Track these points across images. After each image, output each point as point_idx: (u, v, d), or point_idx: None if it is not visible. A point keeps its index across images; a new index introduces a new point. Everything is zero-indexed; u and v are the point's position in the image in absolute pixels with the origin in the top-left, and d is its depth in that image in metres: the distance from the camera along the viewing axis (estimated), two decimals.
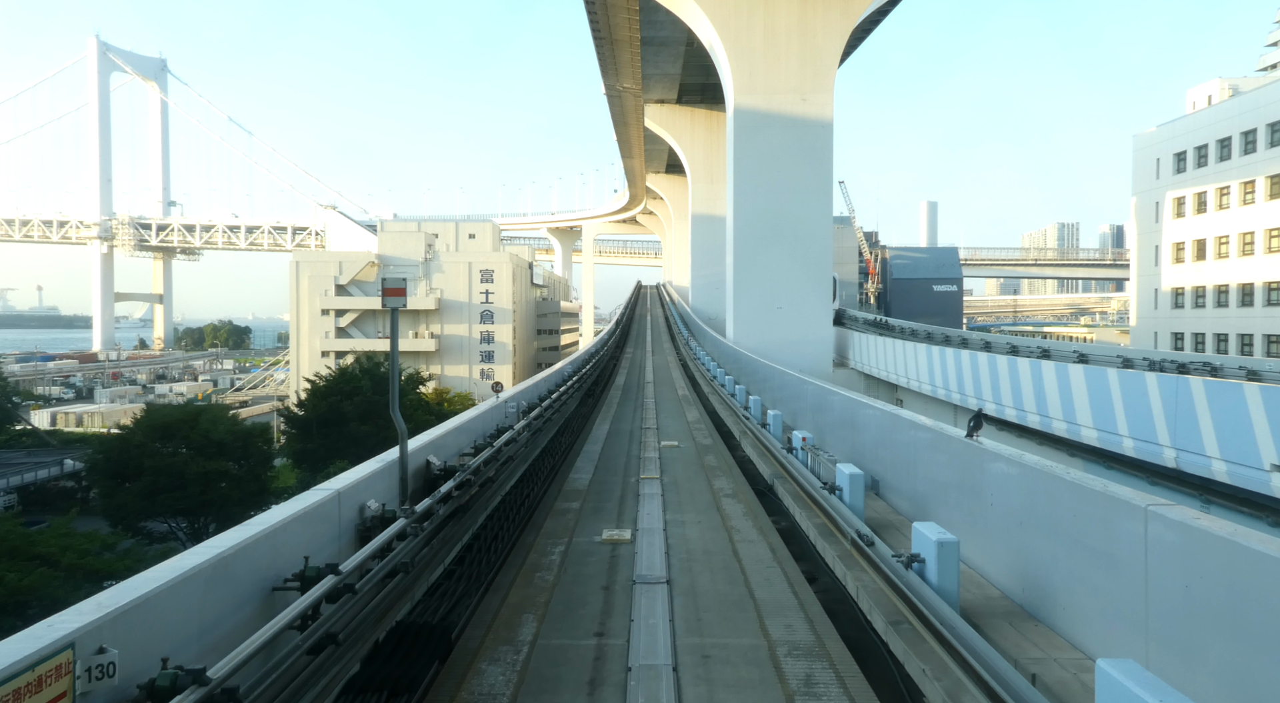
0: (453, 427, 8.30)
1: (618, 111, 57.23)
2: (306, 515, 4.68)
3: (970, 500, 7.44)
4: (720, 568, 7.61)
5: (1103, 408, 16.45)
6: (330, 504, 5.02)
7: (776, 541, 8.68)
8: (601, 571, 7.47)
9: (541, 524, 9.18)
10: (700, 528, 9.14)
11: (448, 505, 6.89)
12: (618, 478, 12.09)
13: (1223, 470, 13.08)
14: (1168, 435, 14.53)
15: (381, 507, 5.64)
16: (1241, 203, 50.26)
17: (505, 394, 11.13)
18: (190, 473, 35.77)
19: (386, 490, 6.12)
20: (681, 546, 8.38)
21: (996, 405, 21.12)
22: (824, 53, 31.85)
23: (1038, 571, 5.96)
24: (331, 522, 5.04)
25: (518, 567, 7.54)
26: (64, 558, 28.00)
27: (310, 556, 4.56)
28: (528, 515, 9.20)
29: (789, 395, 16.41)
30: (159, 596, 3.19)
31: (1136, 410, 15.35)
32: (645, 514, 9.60)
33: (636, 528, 8.99)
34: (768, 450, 12.58)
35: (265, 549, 4.13)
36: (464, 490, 7.37)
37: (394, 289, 6.29)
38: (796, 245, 31.39)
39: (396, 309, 6.37)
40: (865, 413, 11.06)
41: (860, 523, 7.34)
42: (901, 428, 9.44)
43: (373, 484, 5.77)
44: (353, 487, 5.38)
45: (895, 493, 9.50)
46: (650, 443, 15.33)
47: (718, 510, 10.10)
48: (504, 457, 9.16)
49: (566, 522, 9.35)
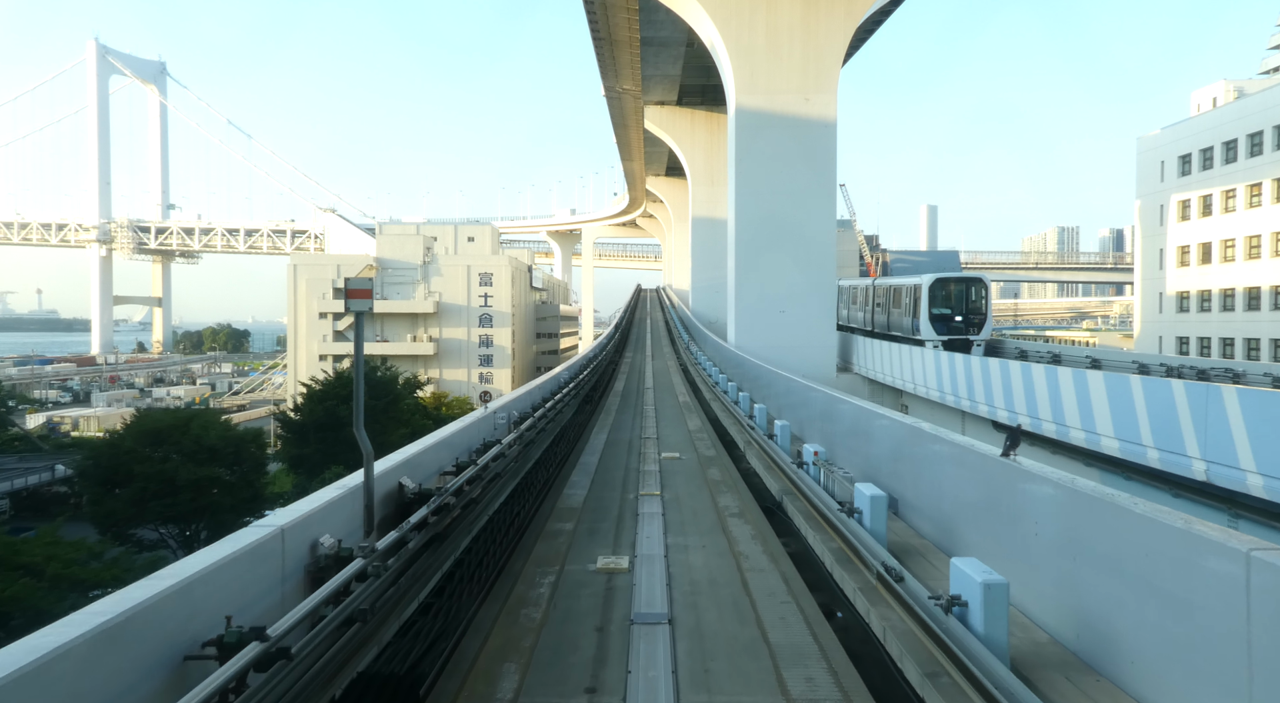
0: (431, 443, 7.50)
1: (617, 113, 56.59)
2: (239, 560, 3.89)
3: (1005, 526, 6.67)
4: (728, 603, 6.81)
5: (1125, 417, 15.68)
6: (272, 544, 4.24)
7: (789, 568, 7.88)
8: (596, 606, 6.68)
9: (531, 549, 8.39)
10: (705, 554, 8.34)
11: (423, 533, 6.11)
12: (615, 494, 11.30)
13: (1259, 485, 12.32)
14: (1197, 447, 13.78)
15: (338, 543, 4.84)
16: (1248, 206, 49.66)
17: (495, 404, 10.33)
18: (181, 479, 35.00)
19: (347, 521, 5.33)
20: (684, 575, 7.58)
21: (1009, 413, 20.33)
22: (827, 52, 31.16)
23: (1096, 613, 5.19)
24: (273, 564, 4.26)
25: (502, 600, 6.76)
26: (49, 568, 27.25)
27: (243, 609, 3.78)
28: (516, 539, 8.43)
29: (794, 403, 15.64)
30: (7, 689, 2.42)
31: (1163, 420, 14.58)
32: (645, 537, 8.81)
33: (635, 554, 8.20)
34: (775, 464, 11.81)
35: (178, 608, 3.35)
36: (442, 516, 6.59)
37: (358, 290, 5.48)
38: (799, 247, 30.68)
39: (362, 314, 5.57)
40: (879, 424, 10.29)
41: (885, 554, 6.56)
42: (922, 441, 8.65)
43: (329, 515, 4.98)
44: (302, 521, 4.59)
45: (917, 513, 8.72)
46: (650, 454, 14.56)
47: (723, 532, 9.31)
48: (491, 473, 8.37)
49: (558, 546, 8.56)
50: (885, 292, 36.17)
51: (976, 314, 31.03)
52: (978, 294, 31.31)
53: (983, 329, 30.87)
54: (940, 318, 30.95)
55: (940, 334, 30.47)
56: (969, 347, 29.91)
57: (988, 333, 31.14)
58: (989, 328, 31.23)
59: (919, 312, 31.21)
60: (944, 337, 30.34)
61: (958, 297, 31.22)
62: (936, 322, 30.90)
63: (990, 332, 31.52)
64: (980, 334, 30.75)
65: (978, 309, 31.08)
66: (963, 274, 32.88)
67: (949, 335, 30.41)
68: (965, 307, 31.03)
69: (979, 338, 30.64)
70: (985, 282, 31.88)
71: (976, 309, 31.07)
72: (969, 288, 31.41)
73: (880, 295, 36.86)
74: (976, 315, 31.00)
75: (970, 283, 31.72)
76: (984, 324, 30.99)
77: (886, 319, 35.54)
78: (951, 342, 30.03)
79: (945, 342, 29.97)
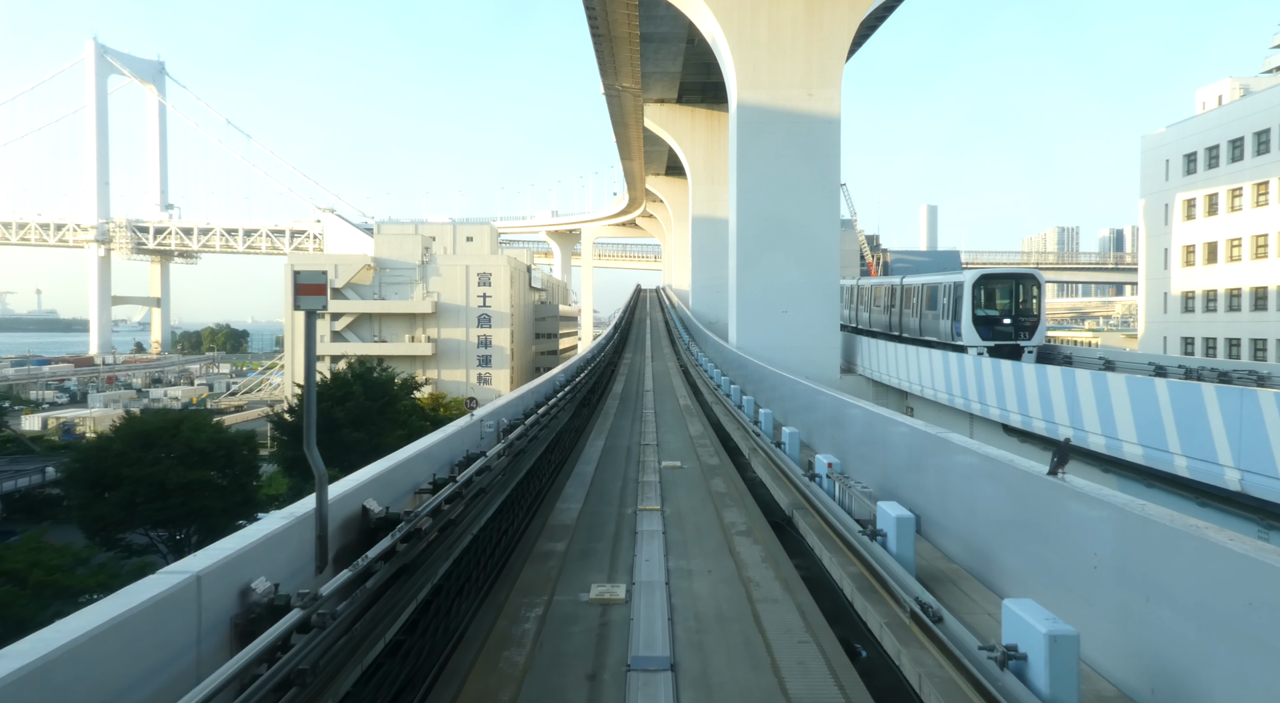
0: (405, 457, 6.68)
1: (617, 111, 55.86)
2: (133, 621, 3.09)
3: (1054, 553, 5.87)
4: (739, 642, 6.01)
5: (1149, 422, 14.88)
6: (182, 595, 3.43)
7: (805, 598, 7.07)
8: (588, 646, 5.89)
9: (518, 574, 7.57)
10: (711, 581, 7.51)
11: (390, 564, 5.32)
12: (612, 508, 10.49)
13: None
14: (1230, 455, 13.01)
15: (274, 587, 4.03)
16: (1254, 204, 49.08)
17: (482, 411, 9.51)
18: (171, 483, 34.25)
19: (293, 558, 4.52)
20: (688, 607, 6.76)
21: (1022, 416, 19.53)
22: (831, 46, 30.41)
23: (1178, 664, 4.39)
24: (184, 621, 3.45)
25: (482, 638, 5.97)
26: (32, 575, 26.49)
27: (135, 685, 2.99)
28: (501, 562, 7.64)
29: (800, 407, 14.87)
30: None
31: (1191, 426, 13.80)
32: (644, 562, 7.99)
33: (633, 581, 7.38)
34: (783, 474, 11.01)
35: (34, 695, 2.57)
36: (414, 542, 5.80)
37: (310, 286, 4.64)
38: (802, 246, 29.93)
39: (314, 313, 4.75)
40: (895, 431, 9.48)
41: (918, 587, 5.76)
42: (948, 451, 7.84)
43: (268, 553, 4.17)
44: (228, 563, 3.78)
45: (943, 533, 7.92)
46: (650, 463, 13.74)
47: (730, 554, 8.49)
48: (475, 489, 7.58)
49: (548, 570, 7.75)
50: (917, 291, 32.31)
51: (1028, 316, 27.34)
52: (1029, 293, 27.64)
53: (1035, 334, 27.14)
54: (985, 321, 27.27)
55: (985, 339, 26.87)
56: (1019, 353, 26.53)
57: (1040, 338, 27.48)
58: (1042, 332, 27.52)
59: (960, 313, 27.54)
60: (989, 342, 26.79)
61: (1006, 296, 27.71)
62: (981, 325, 27.18)
63: (1044, 336, 27.87)
64: (1032, 339, 27.08)
65: (1029, 311, 27.41)
66: (1012, 270, 29.00)
67: (995, 341, 26.86)
68: (1014, 308, 27.42)
69: (1030, 344, 27.01)
70: (1038, 279, 28.09)
71: (1027, 311, 27.40)
72: (1019, 286, 27.76)
73: (910, 295, 33.15)
74: (1027, 318, 27.31)
75: (1020, 280, 27.97)
76: (1036, 328, 27.23)
77: (918, 322, 31.90)
78: (998, 348, 26.58)
79: (991, 348, 26.57)
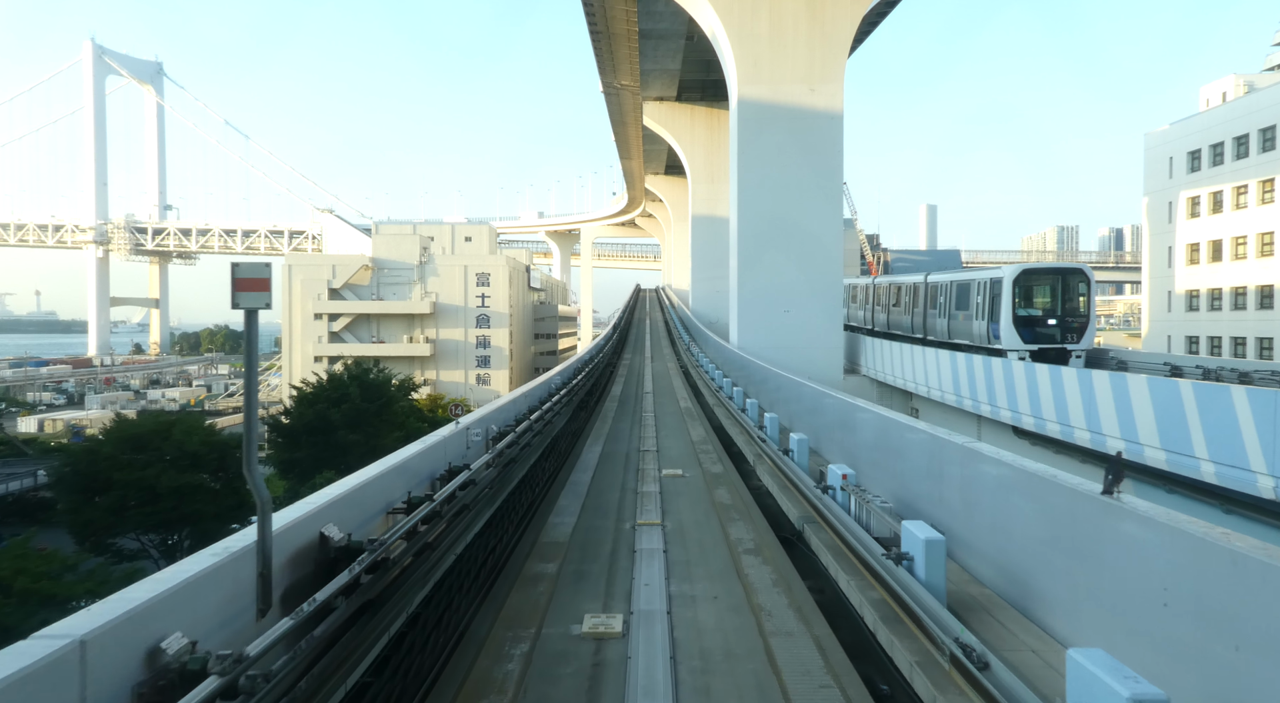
0: (376, 473, 5.93)
1: (615, 110, 55.21)
2: None
3: (1111, 582, 5.16)
4: (750, 686, 5.27)
5: (1173, 426, 14.18)
6: (58, 669, 2.72)
7: (823, 629, 6.33)
8: (579, 691, 5.15)
9: (504, 601, 6.84)
10: (717, 609, 6.78)
11: (350, 601, 4.62)
12: (609, 522, 9.77)
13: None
14: (1263, 462, 12.32)
15: (191, 646, 3.32)
16: (1260, 202, 48.53)
17: (469, 418, 8.77)
18: (163, 487, 33.60)
19: (226, 603, 3.81)
20: (693, 641, 6.03)
21: (1036, 419, 18.80)
22: (834, 40, 29.71)
23: None
24: (64, 700, 2.76)
25: (457, 683, 5.26)
26: (16, 582, 25.84)
27: None
28: (485, 588, 6.92)
29: (805, 410, 14.16)
30: None
31: (1220, 430, 13.11)
32: (643, 586, 7.26)
33: (631, 610, 6.66)
34: (791, 483, 10.30)
35: None
36: (381, 573, 5.10)
37: (249, 280, 3.94)
38: (804, 244, 29.24)
39: (255, 312, 4.05)
40: (911, 438, 8.73)
41: (956, 624, 5.04)
42: (975, 461, 7.10)
43: (189, 600, 3.45)
44: (128, 620, 3.06)
45: (971, 552, 7.17)
46: (649, 471, 13.00)
47: (738, 576, 7.75)
48: (457, 505, 6.88)
49: (537, 597, 7.00)
50: (945, 290, 29.50)
51: (1075, 316, 24.51)
52: (1076, 291, 24.80)
53: (1083, 336, 24.49)
54: (1027, 321, 24.54)
55: (1028, 342, 24.31)
56: (1065, 358, 24.11)
57: (1090, 341, 24.78)
58: (1092, 334, 24.83)
59: (998, 313, 24.79)
60: (1032, 346, 24.27)
61: (1050, 294, 24.89)
62: (1022, 326, 24.46)
63: (1093, 339, 25.20)
64: (1081, 342, 24.41)
65: (1076, 310, 24.62)
66: (1057, 265, 26.20)
67: (1038, 344, 24.29)
68: (1061, 307, 24.66)
69: (1078, 347, 24.34)
70: (1088, 274, 25.20)
71: (1075, 310, 24.61)
72: (1066, 283, 24.86)
73: (936, 294, 30.28)
74: (1076, 318, 24.49)
75: (1067, 276, 25.04)
76: (1085, 329, 24.53)
77: (946, 324, 29.06)
78: (1043, 352, 24.11)
79: (1034, 352, 24.12)
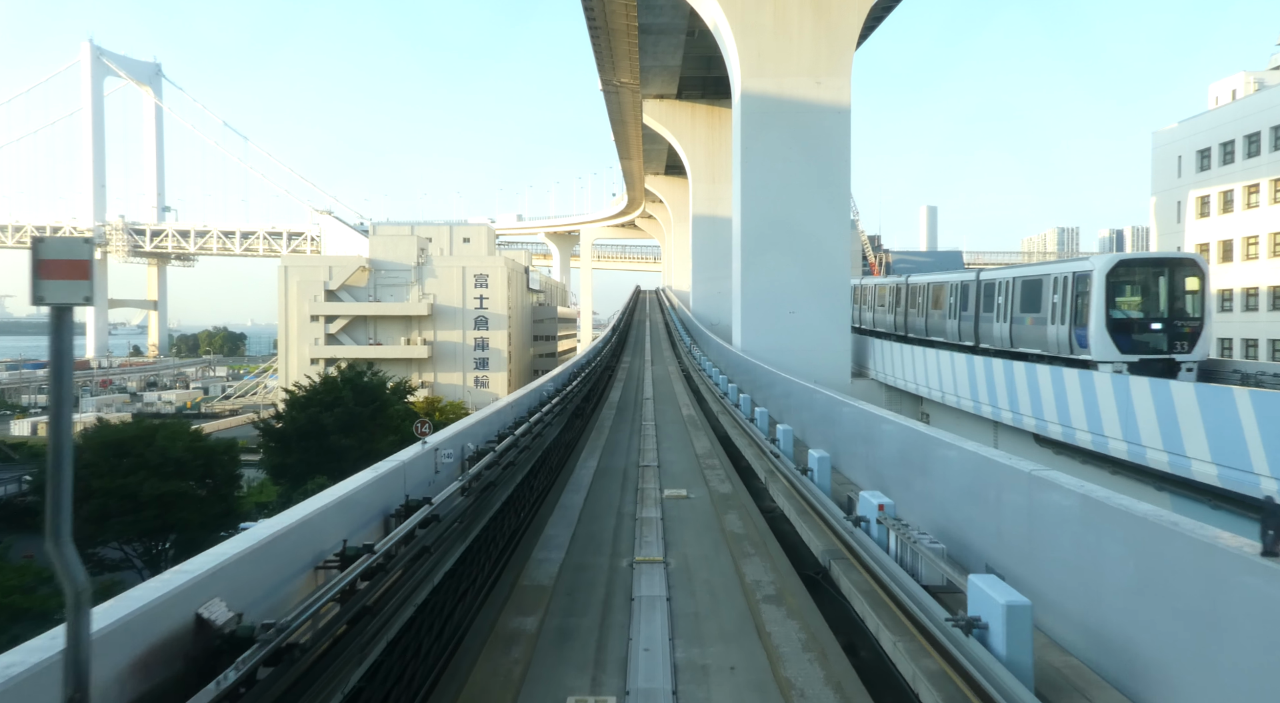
0: (296, 519, 4.50)
1: (615, 109, 54.40)
2: None
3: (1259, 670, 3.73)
4: None
5: (1228, 438, 13.14)
6: None
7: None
8: None
9: (466, 675, 5.62)
10: (735, 687, 5.59)
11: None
12: (603, 560, 8.66)
13: None
14: None
15: None
16: (1272, 201, 47.72)
17: (438, 437, 7.60)
18: (145, 494, 32.73)
19: None
20: None
21: (1063, 427, 17.82)
22: (840, 30, 28.84)
23: None
24: None
25: None
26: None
27: None
28: (445, 656, 5.73)
29: (817, 418, 13.26)
30: None
31: (1276, 438, 12.14)
32: (641, 651, 6.11)
33: (627, 690, 5.51)
34: (812, 509, 9.06)
35: None
36: (282, 669, 3.64)
37: (57, 263, 2.79)
38: (808, 243, 28.38)
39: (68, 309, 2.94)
40: (944, 454, 7.68)
41: None
42: (1041, 489, 5.70)
43: None
44: None
45: (1047, 608, 5.51)
46: (650, 492, 11.96)
47: (759, 635, 6.54)
48: (415, 548, 5.72)
49: (509, 667, 5.81)
50: (1004, 288, 23.97)
51: (1185, 319, 19.21)
52: (1185, 286, 19.48)
53: (1196, 344, 19.15)
54: (1124, 326, 19.16)
55: (1125, 352, 18.93)
56: (1174, 371, 18.86)
57: (1204, 350, 19.39)
58: (1206, 341, 19.38)
59: (1085, 316, 19.38)
60: (1131, 356, 18.92)
61: (1151, 292, 19.58)
62: (1118, 332, 19.04)
63: (1208, 348, 19.73)
64: (1193, 352, 19.09)
65: (1185, 312, 19.30)
66: (1163, 254, 19.67)
67: (1139, 353, 18.95)
68: (1167, 307, 19.35)
69: (1190, 358, 19.04)
70: (1201, 266, 19.81)
71: (1183, 312, 19.29)
72: (1172, 277, 19.45)
73: (992, 294, 24.70)
74: (1185, 321, 19.19)
75: (1174, 267, 19.66)
76: (1198, 336, 19.17)
77: (1008, 329, 23.56)
78: (1145, 363, 18.76)
79: (1133, 364, 18.84)
